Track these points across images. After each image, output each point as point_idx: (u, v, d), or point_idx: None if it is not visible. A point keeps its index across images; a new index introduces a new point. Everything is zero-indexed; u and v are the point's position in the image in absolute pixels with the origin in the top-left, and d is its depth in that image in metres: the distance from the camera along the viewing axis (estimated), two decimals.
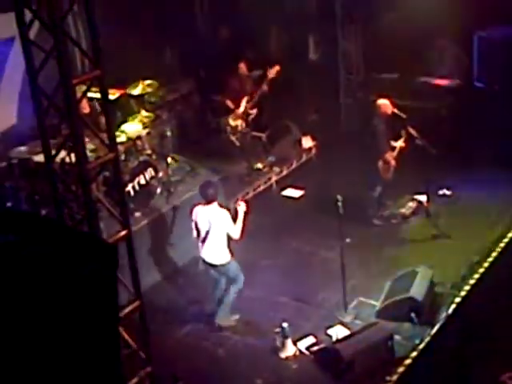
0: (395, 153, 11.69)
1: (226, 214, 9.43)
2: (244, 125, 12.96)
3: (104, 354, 4.20)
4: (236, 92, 12.97)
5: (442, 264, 10.37)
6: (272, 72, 12.74)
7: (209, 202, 9.43)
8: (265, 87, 12.84)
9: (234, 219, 9.45)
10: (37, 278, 3.97)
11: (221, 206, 9.62)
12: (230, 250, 9.54)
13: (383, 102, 11.61)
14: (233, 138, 13.02)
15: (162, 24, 13.69)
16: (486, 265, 10.44)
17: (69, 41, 7.03)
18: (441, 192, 12.36)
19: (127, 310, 7.63)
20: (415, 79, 14.20)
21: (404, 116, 11.54)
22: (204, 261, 9.61)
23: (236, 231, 9.42)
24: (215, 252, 9.49)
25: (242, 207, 9.52)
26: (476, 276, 10.21)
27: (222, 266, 9.55)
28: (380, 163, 11.65)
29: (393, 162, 11.66)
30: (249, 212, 9.70)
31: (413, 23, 13.14)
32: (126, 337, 7.68)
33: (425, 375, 8.74)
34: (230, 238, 9.47)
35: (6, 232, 4.17)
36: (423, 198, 12.01)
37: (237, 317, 9.85)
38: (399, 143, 11.69)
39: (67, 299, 4.01)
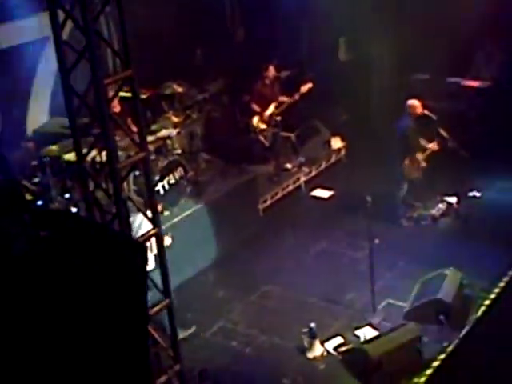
0: (426, 154, 11.64)
1: None
2: (269, 128, 12.98)
3: (133, 352, 4.25)
4: (263, 95, 13.00)
5: (472, 266, 10.30)
6: (304, 88, 12.79)
7: None
8: (294, 99, 12.88)
9: None
10: (68, 275, 4.02)
11: None
12: None
13: (413, 103, 11.58)
14: (262, 138, 13.05)
15: (194, 25, 13.74)
16: None
17: (101, 41, 7.11)
18: (471, 194, 12.28)
19: (156, 308, 7.67)
20: (446, 80, 14.11)
21: (434, 117, 11.50)
22: None
23: None
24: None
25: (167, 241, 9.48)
26: (506, 279, 10.14)
27: None
28: (406, 163, 11.63)
29: (422, 163, 11.61)
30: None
31: (447, 23, 13.09)
32: (155, 335, 7.73)
33: (453, 378, 8.69)
34: None
35: (38, 229, 4.23)
36: (453, 199, 11.95)
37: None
38: (431, 145, 11.63)
39: (98, 297, 4.06)
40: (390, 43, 14.77)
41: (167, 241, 9.31)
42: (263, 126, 13.00)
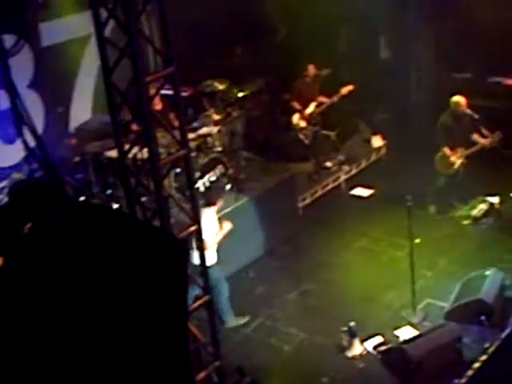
0: (470, 151, 11.55)
1: (213, 219, 9.55)
2: (309, 126, 12.97)
3: (173, 348, 4.27)
4: (303, 93, 12.99)
5: None
6: (345, 90, 12.76)
7: (207, 205, 9.63)
8: (334, 100, 12.87)
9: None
10: (109, 271, 4.06)
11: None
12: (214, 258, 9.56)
13: (457, 99, 11.50)
14: (302, 137, 13.04)
15: (235, 23, 13.78)
16: None
17: (142, 39, 7.16)
18: None
19: (196, 304, 7.72)
20: (487, 79, 13.96)
21: (476, 116, 11.40)
22: None
23: (213, 240, 9.48)
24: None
25: (227, 226, 9.61)
26: None
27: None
28: (438, 156, 11.60)
29: (454, 159, 11.53)
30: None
31: (487, 22, 12.96)
32: (195, 331, 7.77)
33: (493, 379, 8.61)
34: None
35: (81, 225, 4.28)
36: (495, 199, 11.83)
37: (245, 319, 9.92)
38: (484, 141, 11.52)
39: (139, 293, 4.09)
40: (429, 42, 14.68)
41: (227, 226, 9.46)
42: (303, 124, 12.99)
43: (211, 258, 9.39)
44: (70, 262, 4.05)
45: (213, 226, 9.55)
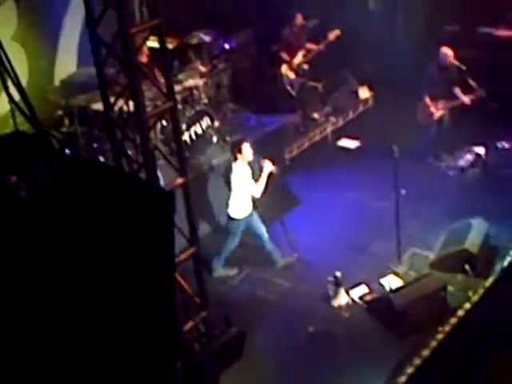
0: (451, 104, 11.57)
1: (244, 170, 9.57)
2: (297, 77, 12.91)
3: (160, 298, 4.33)
4: (291, 43, 12.91)
5: (498, 216, 10.29)
6: (332, 35, 12.67)
7: (235, 158, 9.62)
8: (322, 47, 12.78)
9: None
10: (98, 225, 4.09)
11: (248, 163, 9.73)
12: (248, 209, 9.70)
13: (446, 51, 11.50)
14: (289, 88, 13.00)
15: None
16: None
17: None
18: (499, 145, 12.20)
19: (183, 256, 7.77)
20: (477, 30, 13.90)
21: (464, 68, 11.40)
22: None
23: (258, 189, 9.58)
24: (231, 203, 9.70)
25: (267, 166, 9.57)
26: None
27: (230, 218, 9.79)
28: (420, 106, 11.63)
29: (433, 110, 11.56)
30: (273, 172, 9.76)
31: None
32: (182, 282, 7.84)
33: (478, 326, 8.74)
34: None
35: (68, 178, 4.29)
36: (481, 150, 11.89)
37: (234, 271, 10.09)
38: (466, 98, 11.52)
39: (125, 244, 4.13)
40: None
41: (267, 167, 9.64)
42: (292, 75, 12.93)
43: (243, 210, 9.65)
44: (59, 215, 4.08)
45: (246, 177, 9.62)
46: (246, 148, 9.59)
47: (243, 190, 9.59)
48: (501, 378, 8.00)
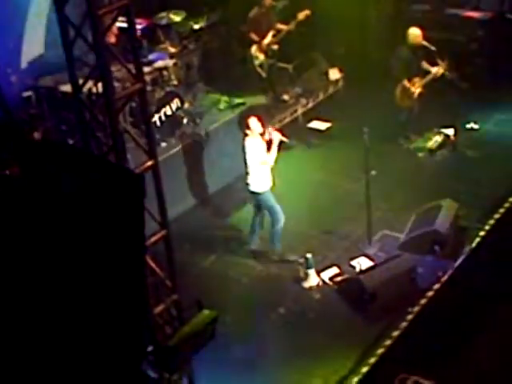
0: (426, 80, 11.59)
1: (255, 143, 9.48)
2: (266, 58, 12.85)
3: (130, 281, 4.30)
4: (260, 23, 12.82)
5: (468, 198, 10.36)
6: (301, 15, 12.60)
7: (245, 134, 9.57)
8: (292, 27, 12.72)
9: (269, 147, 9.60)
10: (65, 207, 4.04)
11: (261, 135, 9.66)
12: (269, 181, 9.66)
13: (414, 32, 11.51)
14: (259, 69, 12.93)
15: None
16: (511, 199, 10.42)
17: None
18: (468, 126, 12.26)
19: (153, 239, 7.72)
20: (445, 11, 13.94)
21: (433, 48, 11.44)
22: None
23: (270, 158, 9.55)
24: (250, 179, 9.62)
25: (275, 136, 9.55)
26: (501, 210, 10.21)
27: (254, 193, 9.66)
28: (398, 90, 11.66)
29: (414, 92, 11.59)
30: (283, 140, 9.71)
31: None
32: (153, 265, 7.79)
33: (447, 307, 8.82)
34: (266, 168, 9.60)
35: (36, 161, 4.24)
36: (450, 131, 11.95)
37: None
38: (435, 70, 11.56)
39: (94, 226, 4.09)
40: None
41: (275, 137, 9.56)
42: (261, 56, 12.86)
43: (264, 183, 9.60)
44: (25, 198, 4.03)
45: (260, 150, 9.57)
46: (253, 122, 9.56)
47: (261, 162, 9.55)
48: (470, 358, 8.09)
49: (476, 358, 8.07)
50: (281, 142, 9.64)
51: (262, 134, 9.65)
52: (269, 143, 9.61)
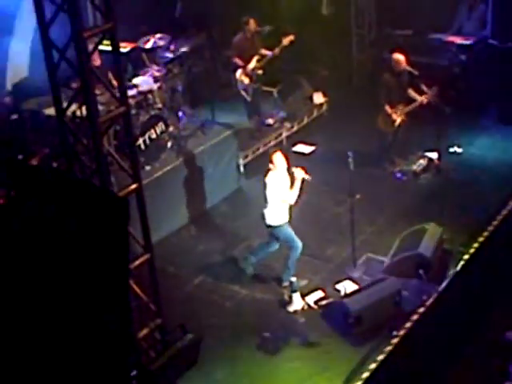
0: (411, 107, 11.66)
1: (277, 179, 9.41)
2: (251, 82, 12.89)
3: (114, 305, 4.27)
4: (244, 48, 12.87)
5: (452, 221, 10.39)
6: (286, 40, 12.67)
7: (268, 169, 9.44)
8: (276, 52, 12.78)
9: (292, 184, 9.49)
10: (49, 231, 4.02)
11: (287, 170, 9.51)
12: (286, 215, 9.54)
13: (397, 57, 11.58)
14: (243, 93, 12.98)
15: None
16: (495, 223, 10.45)
17: None
18: (451, 149, 12.32)
19: (137, 262, 7.70)
20: (428, 36, 14.05)
21: (416, 73, 11.50)
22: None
23: (291, 196, 9.42)
24: (268, 213, 9.51)
25: (299, 174, 9.46)
26: (485, 234, 10.23)
27: (272, 227, 9.59)
28: (380, 116, 11.72)
29: (396, 118, 11.65)
30: (305, 178, 9.52)
31: None
32: (137, 289, 7.76)
33: (432, 331, 8.81)
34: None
35: (18, 186, 4.21)
36: (434, 155, 12.00)
37: (304, 282, 9.80)
38: (421, 98, 11.62)
39: (79, 250, 4.06)
40: None
41: (298, 175, 9.39)
42: (246, 80, 12.91)
43: (282, 217, 9.47)
44: (10, 222, 4.00)
45: (281, 186, 9.42)
46: (278, 157, 9.40)
47: (280, 198, 9.40)
48: (456, 381, 8.08)
49: (461, 382, 8.06)
50: (303, 181, 9.49)
51: (285, 170, 9.49)
52: (291, 181, 9.49)
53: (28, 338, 3.91)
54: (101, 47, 7.64)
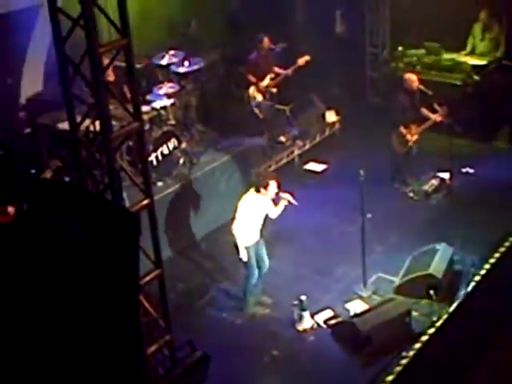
0: (422, 127, 11.66)
1: (259, 203, 9.35)
2: (264, 100, 12.92)
3: (124, 321, 4.26)
4: (258, 66, 12.92)
5: (463, 242, 10.34)
6: (301, 61, 12.73)
7: (257, 190, 9.34)
8: (290, 72, 12.83)
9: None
10: (59, 244, 4.03)
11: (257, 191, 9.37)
12: (255, 237, 9.46)
13: (410, 77, 11.60)
14: (256, 110, 13.01)
15: None
16: (506, 244, 10.41)
17: (96, 9, 7.04)
18: (464, 170, 12.30)
19: (148, 278, 7.69)
20: (442, 55, 14.06)
21: (430, 93, 11.52)
22: None
23: (274, 213, 9.51)
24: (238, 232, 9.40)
25: (285, 196, 9.42)
26: (496, 255, 10.19)
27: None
28: (393, 136, 11.73)
29: (409, 137, 11.66)
30: (292, 201, 9.52)
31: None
32: (146, 305, 7.75)
33: (441, 352, 8.77)
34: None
35: (31, 200, 4.23)
36: (446, 175, 11.98)
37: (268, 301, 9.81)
38: (435, 116, 11.63)
39: (90, 266, 4.07)
40: (384, 18, 14.78)
41: (284, 200, 9.44)
42: (259, 97, 12.95)
43: (249, 238, 9.36)
44: (23, 237, 4.01)
45: (260, 210, 9.37)
46: (273, 186, 9.29)
47: (253, 220, 9.33)
48: None
49: None
50: (289, 203, 9.47)
51: (272, 198, 9.47)
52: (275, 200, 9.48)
53: (37, 354, 3.90)
54: (115, 63, 7.69)
